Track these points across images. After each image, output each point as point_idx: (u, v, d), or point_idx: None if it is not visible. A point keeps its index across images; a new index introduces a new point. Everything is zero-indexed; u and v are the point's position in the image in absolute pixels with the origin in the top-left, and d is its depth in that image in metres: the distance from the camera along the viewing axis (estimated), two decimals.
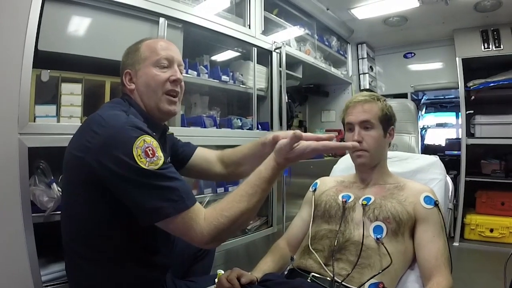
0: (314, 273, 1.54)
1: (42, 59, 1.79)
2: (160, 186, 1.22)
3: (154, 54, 1.51)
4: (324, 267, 1.53)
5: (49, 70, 1.85)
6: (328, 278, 1.49)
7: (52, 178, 1.82)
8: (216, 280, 1.52)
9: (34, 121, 1.76)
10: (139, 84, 1.52)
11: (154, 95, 1.50)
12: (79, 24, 2.02)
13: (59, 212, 1.55)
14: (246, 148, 1.87)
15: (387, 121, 1.78)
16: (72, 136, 1.39)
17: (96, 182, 1.24)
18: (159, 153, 1.25)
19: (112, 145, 1.21)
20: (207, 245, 1.28)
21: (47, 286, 1.74)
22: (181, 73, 1.60)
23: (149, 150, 1.23)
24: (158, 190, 1.21)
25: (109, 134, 1.23)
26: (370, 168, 1.79)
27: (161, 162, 1.24)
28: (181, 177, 1.30)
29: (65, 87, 1.91)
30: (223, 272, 1.54)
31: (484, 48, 4.47)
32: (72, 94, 1.93)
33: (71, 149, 1.33)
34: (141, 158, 1.20)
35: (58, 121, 1.87)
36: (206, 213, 1.26)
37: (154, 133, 1.34)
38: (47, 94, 1.91)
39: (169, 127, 1.74)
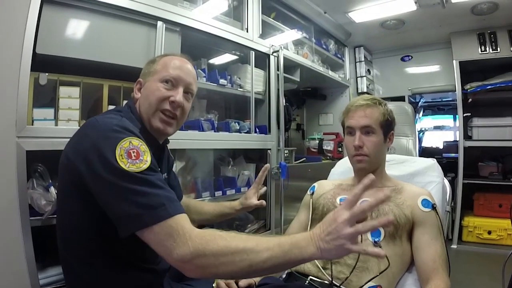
0: (312, 276, 1.54)
1: (40, 62, 1.78)
2: (137, 191, 1.13)
3: (164, 71, 1.51)
4: (322, 270, 1.53)
5: (47, 74, 1.84)
6: (326, 282, 1.49)
7: (50, 181, 1.81)
8: (214, 284, 1.52)
9: (32, 125, 1.76)
10: (143, 94, 1.53)
11: (149, 109, 1.49)
12: (77, 27, 2.01)
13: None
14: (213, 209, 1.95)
15: (388, 126, 1.78)
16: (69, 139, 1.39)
17: (82, 185, 1.21)
18: (146, 158, 1.20)
19: (98, 145, 1.18)
20: (184, 264, 1.08)
21: None
22: (191, 97, 1.60)
23: (133, 152, 1.18)
24: (136, 196, 1.12)
25: (97, 135, 1.21)
26: (370, 172, 1.78)
27: (144, 166, 1.18)
28: (167, 188, 1.22)
29: (63, 91, 1.91)
30: None
31: (481, 51, 4.49)
32: (70, 97, 1.92)
33: (66, 152, 1.32)
34: (122, 158, 1.15)
35: (56, 124, 1.87)
36: (195, 230, 1.12)
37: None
38: (45, 97, 1.91)
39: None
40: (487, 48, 4.45)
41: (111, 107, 2.04)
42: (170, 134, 1.58)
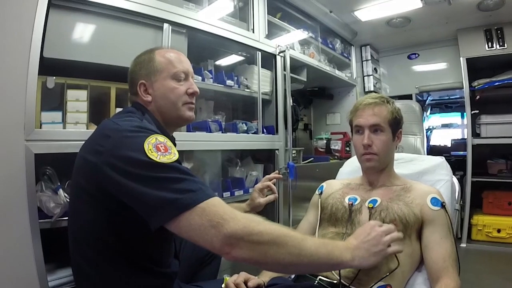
0: (321, 276, 1.54)
1: (48, 66, 1.80)
2: (173, 178, 1.13)
3: (171, 67, 1.54)
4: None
5: (54, 77, 1.86)
6: (335, 281, 1.49)
7: (59, 184, 1.83)
8: (223, 285, 1.52)
9: (40, 128, 1.77)
10: (157, 96, 1.53)
11: (173, 106, 1.54)
12: (83, 31, 2.03)
13: (66, 218, 1.56)
14: None
15: (396, 124, 1.77)
16: (81, 141, 1.40)
17: (104, 188, 1.21)
18: (174, 151, 1.21)
19: (123, 146, 1.18)
20: (236, 241, 1.06)
21: None
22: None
23: (161, 146, 1.19)
24: (172, 183, 1.12)
25: (121, 136, 1.22)
26: (379, 171, 1.78)
27: (174, 158, 1.19)
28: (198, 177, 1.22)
29: (70, 94, 1.92)
30: (229, 277, 1.54)
31: (488, 47, 4.46)
32: (77, 100, 1.93)
33: (83, 153, 1.32)
34: (152, 152, 1.15)
35: (64, 127, 1.88)
36: (238, 213, 1.13)
37: None
38: (53, 100, 1.92)
39: (175, 132, 1.73)
40: (494, 44, 4.42)
41: (119, 109, 2.04)
42: (194, 119, 1.66)
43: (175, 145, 1.58)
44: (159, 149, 1.18)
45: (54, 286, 1.76)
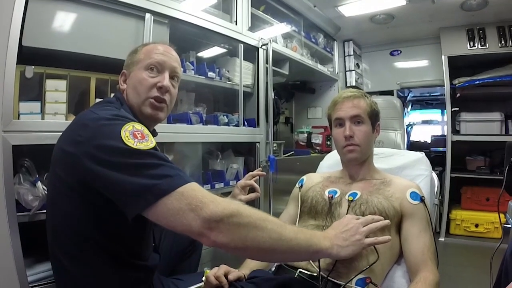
0: (301, 269, 1.54)
1: (27, 55, 1.76)
2: (150, 164, 1.12)
3: (147, 58, 1.51)
4: (311, 262, 1.53)
5: (33, 66, 1.82)
6: (315, 274, 1.49)
7: (37, 176, 1.79)
8: (203, 278, 1.51)
9: (18, 119, 1.73)
10: (129, 85, 1.52)
11: (138, 98, 1.49)
12: (64, 19, 1.99)
13: (45, 211, 1.53)
14: None
15: (375, 117, 1.79)
16: (60, 132, 1.36)
17: (83, 179, 1.19)
18: (150, 138, 1.20)
19: (101, 135, 1.16)
20: (216, 224, 1.05)
21: (33, 286, 1.71)
22: (177, 81, 1.61)
23: (138, 133, 1.18)
24: (148, 169, 1.10)
25: (98, 124, 1.20)
26: (359, 163, 1.79)
27: (151, 145, 1.17)
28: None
29: (49, 84, 1.89)
30: (209, 270, 1.53)
31: (470, 47, 4.52)
32: (56, 90, 1.90)
33: (61, 144, 1.29)
34: (128, 139, 1.13)
35: (43, 118, 1.84)
36: (217, 197, 1.11)
37: None
38: (31, 90, 1.88)
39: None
40: (476, 44, 4.48)
41: (99, 100, 2.02)
42: (161, 119, 1.58)
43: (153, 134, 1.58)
44: (136, 136, 1.16)
45: (34, 281, 1.73)
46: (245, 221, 1.08)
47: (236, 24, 3.11)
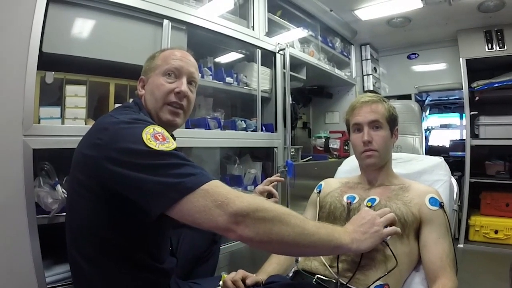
0: (319, 275, 1.53)
1: (47, 61, 1.79)
2: (174, 164, 1.13)
3: (165, 63, 1.53)
4: (329, 268, 1.52)
5: (53, 72, 1.85)
6: (333, 280, 1.49)
7: (57, 179, 1.83)
8: (221, 282, 1.51)
9: (39, 123, 1.77)
10: (147, 91, 1.55)
11: (155, 103, 1.51)
12: (83, 26, 2.03)
13: (64, 213, 1.55)
14: None
15: (393, 121, 1.78)
16: (79, 137, 1.39)
17: (103, 182, 1.22)
18: (171, 140, 1.21)
19: (121, 138, 1.18)
20: (242, 218, 1.06)
21: (51, 287, 1.74)
22: (195, 86, 1.62)
23: (159, 135, 1.19)
24: (172, 168, 1.12)
25: (118, 128, 1.22)
26: (378, 168, 1.78)
27: (173, 146, 1.19)
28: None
29: (69, 89, 1.92)
30: (227, 274, 1.53)
31: (488, 49, 4.46)
32: (76, 96, 1.93)
33: (81, 148, 1.32)
34: (150, 141, 1.15)
35: (63, 123, 1.87)
36: (241, 192, 1.14)
37: None
38: (51, 96, 1.92)
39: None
40: (494, 46, 4.41)
41: (118, 105, 2.04)
42: (179, 125, 1.60)
43: None
44: (157, 138, 1.18)
45: (51, 282, 1.76)
46: (270, 215, 1.10)
47: (253, 29, 3.13)
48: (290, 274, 1.72)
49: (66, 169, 1.43)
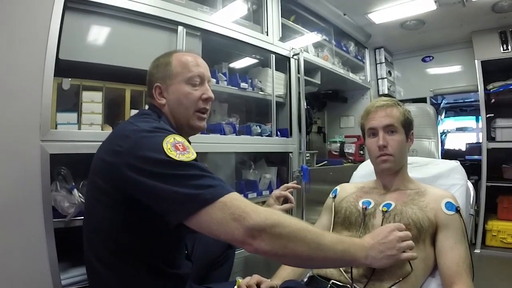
0: (334, 280, 1.54)
1: (63, 68, 1.83)
2: (193, 175, 1.14)
3: (187, 71, 1.54)
4: (344, 274, 1.52)
5: (70, 79, 1.89)
6: (348, 286, 1.48)
7: (73, 184, 1.86)
8: (236, 287, 1.52)
9: (56, 128, 1.80)
10: (171, 100, 1.55)
11: (185, 112, 1.54)
12: (98, 33, 2.06)
13: (80, 217, 1.58)
14: None
15: (408, 125, 1.77)
16: (96, 142, 1.42)
17: (121, 188, 1.23)
18: (191, 150, 1.23)
19: (142, 146, 1.20)
20: (258, 233, 1.08)
21: None
22: (210, 88, 1.64)
23: (180, 145, 1.21)
24: (191, 179, 1.13)
25: (140, 136, 1.23)
26: (393, 173, 1.77)
27: (193, 156, 1.21)
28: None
29: (86, 95, 1.95)
30: (242, 279, 1.54)
31: (503, 50, 4.40)
32: (92, 102, 1.96)
33: (101, 154, 1.33)
34: (171, 151, 1.17)
35: (79, 128, 1.91)
36: (259, 207, 1.15)
37: None
38: (68, 102, 1.96)
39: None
40: (509, 47, 4.36)
41: (134, 111, 2.06)
42: (205, 129, 1.66)
43: None
44: (177, 148, 1.19)
45: (67, 285, 1.79)
46: (286, 231, 1.11)
47: (267, 34, 3.13)
48: (305, 279, 1.72)
49: (82, 173, 1.46)
